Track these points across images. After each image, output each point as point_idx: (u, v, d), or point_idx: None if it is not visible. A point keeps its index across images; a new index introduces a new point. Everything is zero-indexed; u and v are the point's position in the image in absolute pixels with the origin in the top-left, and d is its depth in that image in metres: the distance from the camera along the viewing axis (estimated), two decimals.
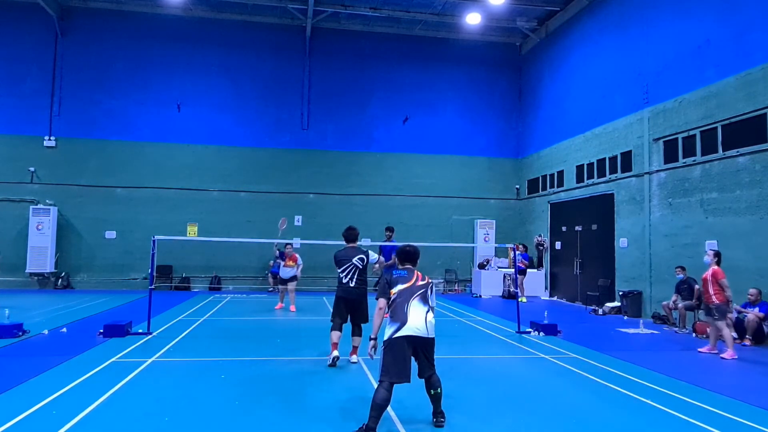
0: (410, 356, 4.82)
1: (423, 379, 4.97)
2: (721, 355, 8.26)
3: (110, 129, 18.28)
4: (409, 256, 5.49)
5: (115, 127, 18.29)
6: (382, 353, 4.79)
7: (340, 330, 7.46)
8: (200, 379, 6.31)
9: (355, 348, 7.59)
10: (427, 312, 4.94)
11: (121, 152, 18.20)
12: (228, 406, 5.51)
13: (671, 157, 12.45)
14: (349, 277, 7.44)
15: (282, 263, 12.95)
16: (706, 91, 11.43)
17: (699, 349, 8.81)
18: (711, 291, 8.47)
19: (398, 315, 4.84)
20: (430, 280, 5.34)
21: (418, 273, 5.34)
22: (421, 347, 4.86)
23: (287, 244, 13.28)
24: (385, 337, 4.83)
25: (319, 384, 6.44)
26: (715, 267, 8.56)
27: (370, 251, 7.81)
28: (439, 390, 4.90)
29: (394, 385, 4.71)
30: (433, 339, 4.94)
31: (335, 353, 7.27)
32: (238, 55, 19.06)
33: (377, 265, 8.89)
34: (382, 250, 11.25)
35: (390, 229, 12.07)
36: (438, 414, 4.98)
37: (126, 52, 18.47)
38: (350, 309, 7.49)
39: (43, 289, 17.31)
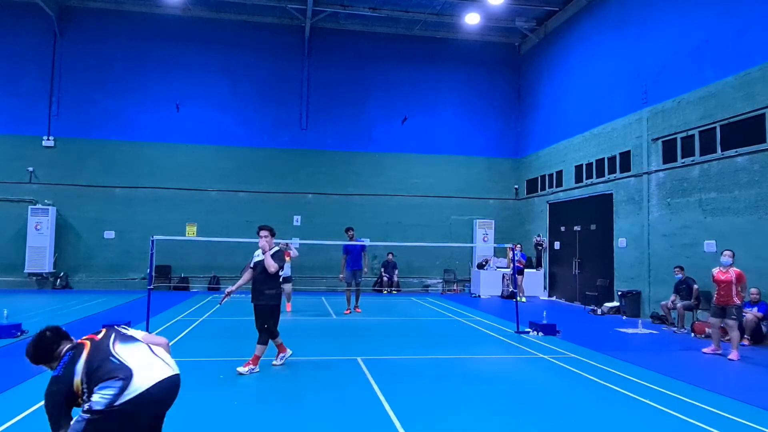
0: None
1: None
2: (729, 357, 8.24)
3: (109, 129, 18.26)
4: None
5: (114, 127, 18.27)
6: None
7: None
8: (199, 379, 6.31)
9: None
10: None
11: (119, 152, 18.18)
12: (227, 406, 5.51)
13: (670, 157, 12.47)
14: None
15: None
16: (704, 91, 11.44)
17: (703, 350, 8.76)
18: (733, 292, 8.41)
19: None
20: None
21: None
22: None
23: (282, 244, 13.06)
24: None
25: (319, 383, 6.43)
26: (737, 269, 8.53)
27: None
28: None
29: None
30: None
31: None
32: (236, 55, 19.05)
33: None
34: (349, 252, 12.46)
35: (350, 229, 12.96)
36: None
37: (125, 52, 18.45)
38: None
39: (41, 289, 17.28)
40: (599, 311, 13.62)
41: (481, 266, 18.59)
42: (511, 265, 14.73)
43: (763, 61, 10.07)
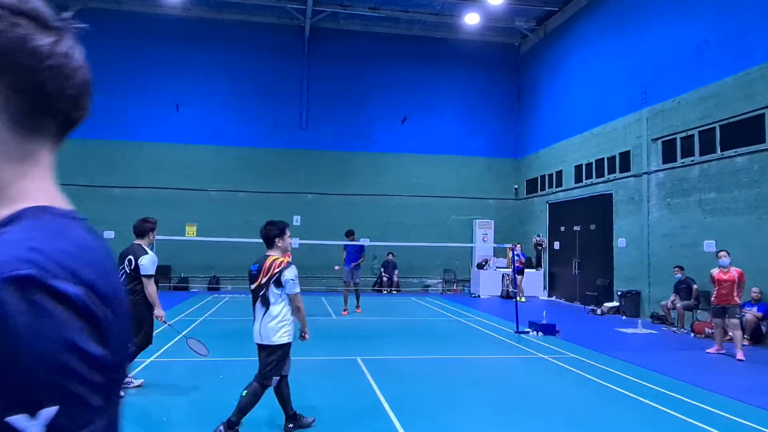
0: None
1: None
2: (738, 357, 8.23)
3: (109, 129, 18.23)
4: (263, 236, 4.71)
5: (113, 127, 18.25)
6: None
7: None
8: (199, 379, 6.31)
9: None
10: (264, 315, 4.51)
11: (119, 152, 18.17)
12: (226, 406, 5.50)
13: (669, 157, 12.47)
14: None
15: None
16: (704, 92, 11.44)
17: (707, 351, 8.74)
18: (735, 292, 8.43)
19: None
20: (276, 270, 4.49)
21: (268, 263, 4.55)
22: (258, 352, 4.66)
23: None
24: None
25: (318, 384, 6.44)
26: (737, 268, 8.54)
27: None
28: (243, 393, 4.55)
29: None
30: (265, 345, 4.54)
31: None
32: (236, 55, 19.04)
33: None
34: (347, 250, 12.68)
35: (351, 233, 12.94)
36: (229, 424, 4.48)
37: (125, 52, 18.44)
38: None
39: None
40: (599, 311, 13.62)
41: (480, 266, 18.59)
42: (512, 265, 14.71)
43: (762, 61, 10.07)
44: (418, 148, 19.94)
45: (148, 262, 5.79)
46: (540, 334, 10.10)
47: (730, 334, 8.72)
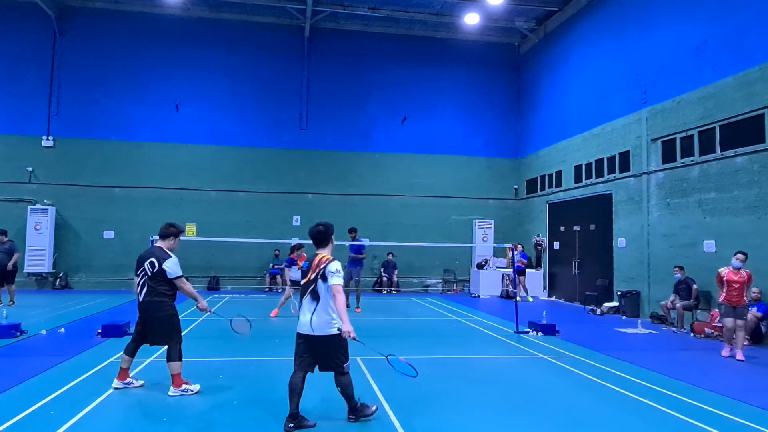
0: (308, 349, 4.90)
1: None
2: (738, 357, 8.21)
3: (108, 129, 18.25)
4: (314, 236, 5.09)
5: (113, 127, 18.26)
6: None
7: None
8: (198, 380, 6.30)
9: None
10: (315, 309, 4.81)
11: (119, 152, 18.17)
12: (226, 406, 5.51)
13: (669, 157, 12.47)
14: None
15: (294, 267, 12.60)
16: (704, 92, 11.45)
17: (723, 353, 8.52)
18: (745, 293, 8.41)
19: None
20: (322, 266, 4.84)
21: (316, 261, 4.93)
22: (310, 342, 4.89)
23: (298, 246, 12.63)
24: None
25: (318, 384, 6.43)
26: (746, 270, 8.50)
27: None
28: (338, 389, 4.97)
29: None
30: (317, 336, 4.82)
31: None
32: (236, 55, 19.04)
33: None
34: (350, 248, 13.07)
35: (353, 230, 13.24)
36: (353, 409, 4.94)
37: (124, 52, 18.45)
38: None
39: (41, 289, 17.27)
40: (599, 311, 13.63)
41: (480, 266, 18.59)
42: (513, 264, 14.76)
43: (762, 61, 10.08)
44: (418, 148, 19.94)
45: (173, 265, 5.90)
46: (540, 334, 10.10)
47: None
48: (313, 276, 4.85)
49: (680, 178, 12.05)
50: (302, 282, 4.96)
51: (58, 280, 17.44)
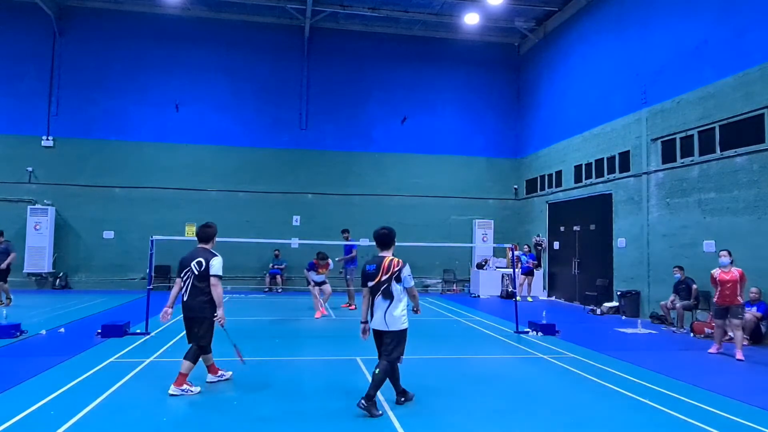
0: (380, 343, 5.50)
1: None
2: (737, 357, 8.22)
3: (108, 129, 18.25)
4: (379, 239, 5.60)
5: (113, 127, 18.26)
6: None
7: None
8: (199, 380, 6.30)
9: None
10: (388, 307, 5.33)
11: (119, 152, 18.17)
12: (226, 406, 5.51)
13: (669, 157, 12.47)
14: None
15: (314, 272, 12.61)
16: (703, 92, 11.45)
17: (709, 351, 8.72)
18: (737, 292, 8.42)
19: (371, 308, 5.49)
20: (395, 270, 5.36)
21: (386, 263, 5.39)
22: (381, 337, 5.46)
23: (323, 256, 12.40)
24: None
25: (318, 384, 6.43)
26: (738, 268, 8.53)
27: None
28: (376, 371, 5.27)
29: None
30: (391, 331, 5.35)
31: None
32: (236, 55, 19.04)
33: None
34: (344, 249, 13.64)
35: (346, 231, 13.99)
36: (367, 397, 5.22)
37: (124, 52, 18.44)
38: None
39: (41, 289, 17.27)
40: (598, 311, 13.63)
41: (480, 266, 18.59)
42: (512, 265, 14.82)
43: (762, 61, 10.08)
44: (418, 148, 19.95)
45: (218, 264, 6.06)
46: (540, 334, 10.11)
47: (731, 334, 8.73)
48: (385, 277, 5.33)
49: (680, 178, 12.05)
50: (371, 283, 5.40)
51: (57, 280, 17.43)
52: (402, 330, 5.37)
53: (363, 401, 5.15)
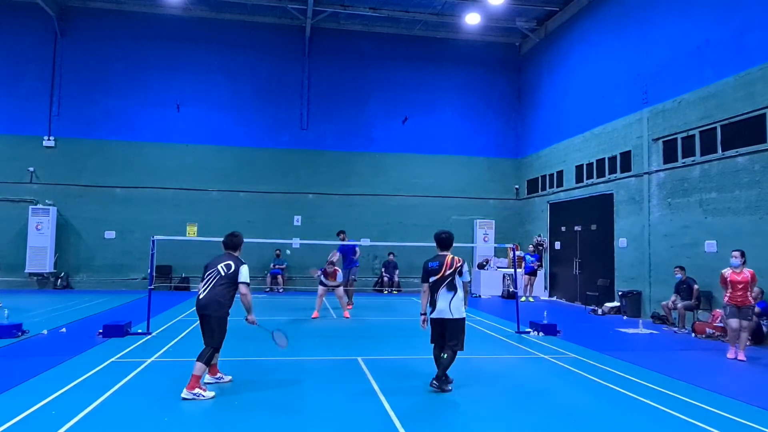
0: (441, 331, 6.28)
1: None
2: (739, 357, 8.18)
3: (109, 129, 18.26)
4: (442, 241, 6.57)
5: (114, 127, 18.28)
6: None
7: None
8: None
9: None
10: (452, 297, 6.19)
11: (120, 152, 18.19)
12: (227, 406, 5.51)
13: (670, 157, 12.46)
14: None
15: (323, 276, 12.59)
16: (705, 92, 11.44)
17: (728, 356, 8.38)
18: (749, 292, 8.32)
19: (432, 301, 6.36)
20: (458, 265, 6.31)
21: (449, 260, 6.33)
22: (443, 325, 6.24)
23: (332, 264, 12.43)
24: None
25: (319, 384, 6.44)
26: (749, 269, 8.44)
27: None
28: (444, 356, 6.07)
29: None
30: (455, 319, 6.17)
31: None
32: (237, 55, 19.05)
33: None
34: (340, 250, 13.50)
35: (342, 232, 14.10)
36: (438, 378, 6.05)
37: (125, 52, 18.46)
38: None
39: (42, 289, 17.29)
40: (600, 311, 13.62)
41: (481, 266, 18.59)
42: (513, 265, 14.81)
43: (763, 61, 10.07)
44: (419, 148, 19.94)
45: (246, 271, 6.42)
46: (541, 334, 10.10)
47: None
48: (449, 272, 6.28)
49: (681, 178, 12.04)
50: (434, 278, 6.34)
51: (59, 280, 17.45)
52: (463, 318, 6.23)
53: (435, 381, 5.99)
